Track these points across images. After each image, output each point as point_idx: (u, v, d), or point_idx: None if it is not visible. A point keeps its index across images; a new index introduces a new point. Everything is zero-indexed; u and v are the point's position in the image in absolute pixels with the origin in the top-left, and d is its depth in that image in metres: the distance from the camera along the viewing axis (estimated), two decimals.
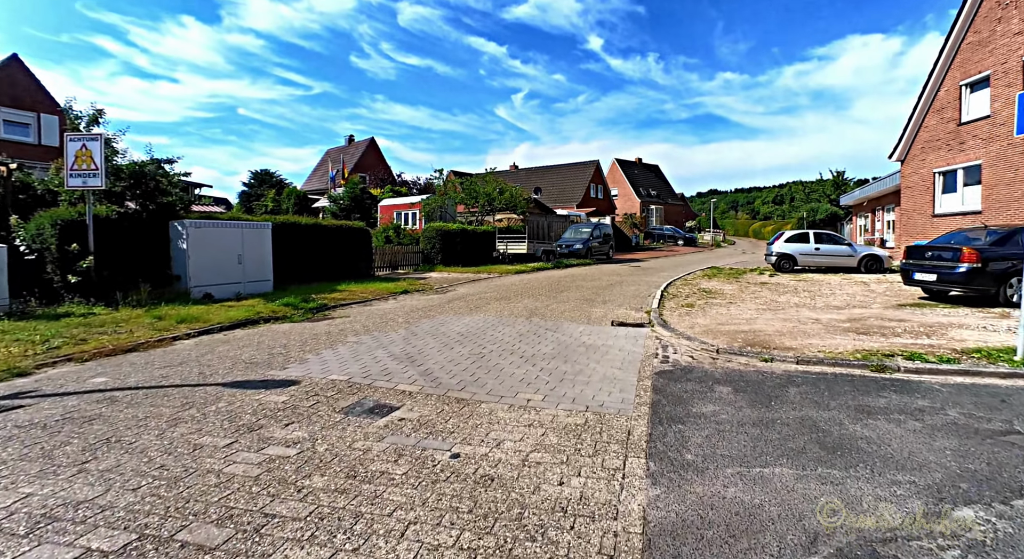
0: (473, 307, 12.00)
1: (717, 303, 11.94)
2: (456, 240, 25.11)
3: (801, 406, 4.83)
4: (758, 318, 9.79)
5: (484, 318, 10.39)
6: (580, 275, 19.93)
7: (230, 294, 12.93)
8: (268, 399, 4.97)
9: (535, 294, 14.20)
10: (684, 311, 10.85)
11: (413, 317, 10.71)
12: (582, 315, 10.64)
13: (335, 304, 12.46)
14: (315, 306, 11.82)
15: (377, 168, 62.27)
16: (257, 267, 13.90)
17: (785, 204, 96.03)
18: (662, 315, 10.35)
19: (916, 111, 19.72)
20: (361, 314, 11.25)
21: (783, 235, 19.88)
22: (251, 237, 13.82)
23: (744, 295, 13.25)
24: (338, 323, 10.08)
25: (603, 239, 30.21)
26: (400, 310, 11.75)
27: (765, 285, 15.39)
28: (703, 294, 13.64)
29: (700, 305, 11.66)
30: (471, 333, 8.78)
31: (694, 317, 10.09)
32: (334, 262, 17.61)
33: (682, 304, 11.85)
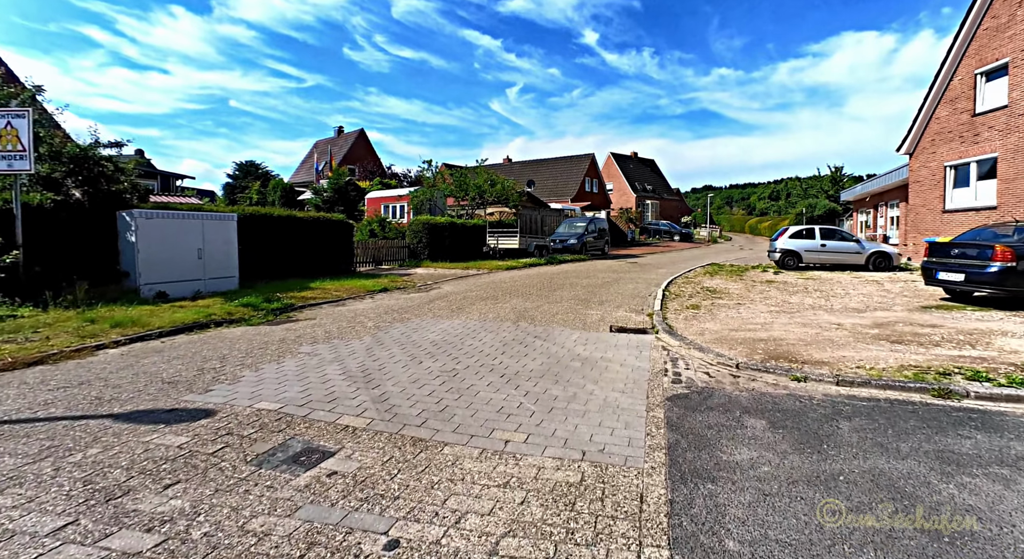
0: (455, 308, 10.81)
1: (724, 304, 10.80)
2: (444, 234, 23.86)
3: (864, 451, 3.68)
4: (773, 323, 8.65)
5: (465, 322, 9.20)
6: (574, 272, 18.76)
7: (188, 292, 11.69)
8: (161, 441, 3.76)
9: (525, 293, 13.02)
10: (690, 314, 9.70)
11: (385, 320, 9.51)
12: (576, 319, 9.47)
13: (303, 304, 11.24)
14: (279, 307, 10.61)
15: (366, 160, 60.86)
16: (220, 262, 12.62)
17: (781, 200, 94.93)
18: (666, 319, 9.20)
19: (926, 102, 18.62)
20: (329, 316, 10.04)
21: (787, 231, 18.80)
22: (213, 229, 12.53)
23: (752, 295, 12.12)
24: (299, 327, 8.86)
25: (598, 234, 29.05)
26: (373, 311, 10.55)
27: (772, 283, 14.27)
28: (708, 294, 12.50)
29: (707, 307, 10.52)
30: (447, 342, 7.59)
31: (702, 321, 8.94)
32: (311, 257, 16.41)
33: (687, 306, 10.71)
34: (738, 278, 15.92)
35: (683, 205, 74.63)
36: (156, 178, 34.71)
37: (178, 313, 9.47)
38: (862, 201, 27.87)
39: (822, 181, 53.40)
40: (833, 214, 39.42)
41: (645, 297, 12.30)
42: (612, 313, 10.09)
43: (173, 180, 36.62)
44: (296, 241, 15.89)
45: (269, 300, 10.97)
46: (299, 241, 16.01)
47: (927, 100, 18.54)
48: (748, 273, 17.42)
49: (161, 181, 35.00)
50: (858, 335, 7.61)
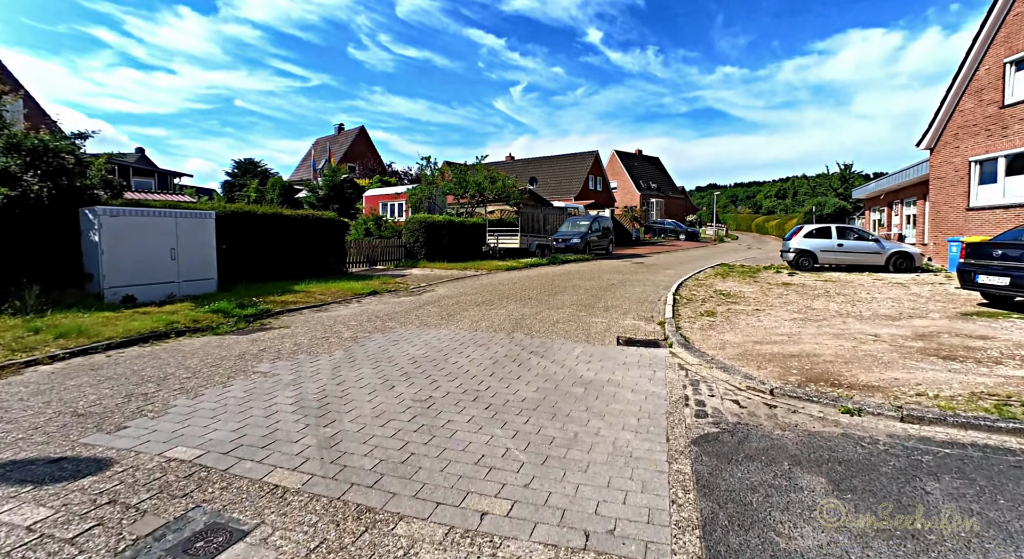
0: (446, 315, 9.83)
1: (742, 310, 9.79)
2: (442, 233, 22.87)
3: (978, 539, 2.68)
4: (801, 333, 7.64)
5: (454, 333, 8.21)
6: (577, 273, 17.76)
7: (159, 296, 10.84)
8: (8, 519, 2.77)
9: (524, 297, 12.03)
10: (706, 322, 8.70)
11: (366, 329, 8.55)
12: (579, 328, 8.48)
13: (281, 310, 10.28)
14: (252, 313, 9.65)
15: (366, 158, 59.95)
16: (196, 263, 11.72)
17: (788, 198, 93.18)
18: (680, 328, 8.20)
19: (949, 94, 17.45)
20: (306, 324, 9.09)
21: (801, 230, 17.73)
22: (188, 228, 11.64)
23: (770, 299, 11.10)
24: (268, 338, 7.90)
25: (602, 233, 28.02)
26: (356, 318, 9.58)
27: (789, 286, 13.24)
28: (722, 298, 11.49)
29: (723, 313, 9.51)
30: (429, 358, 6.61)
31: (720, 331, 7.94)
32: (299, 257, 15.48)
33: (701, 312, 9.70)
34: (752, 280, 14.89)
35: (688, 204, 73.48)
36: (153, 176, 34.10)
37: (137, 321, 8.51)
38: (875, 199, 26.66)
39: (831, 179, 52.03)
40: (843, 213, 38.14)
41: (654, 302, 11.29)
42: (619, 321, 9.09)
43: (171, 178, 35.83)
44: (283, 240, 14.97)
45: (243, 305, 10.01)
46: (286, 240, 15.09)
47: (950, 92, 17.40)
48: (761, 274, 16.39)
49: (159, 179, 34.30)
50: (901, 349, 6.59)
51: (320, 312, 10.43)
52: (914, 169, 20.42)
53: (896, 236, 23.84)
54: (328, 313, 10.29)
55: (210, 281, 12.01)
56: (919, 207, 20.88)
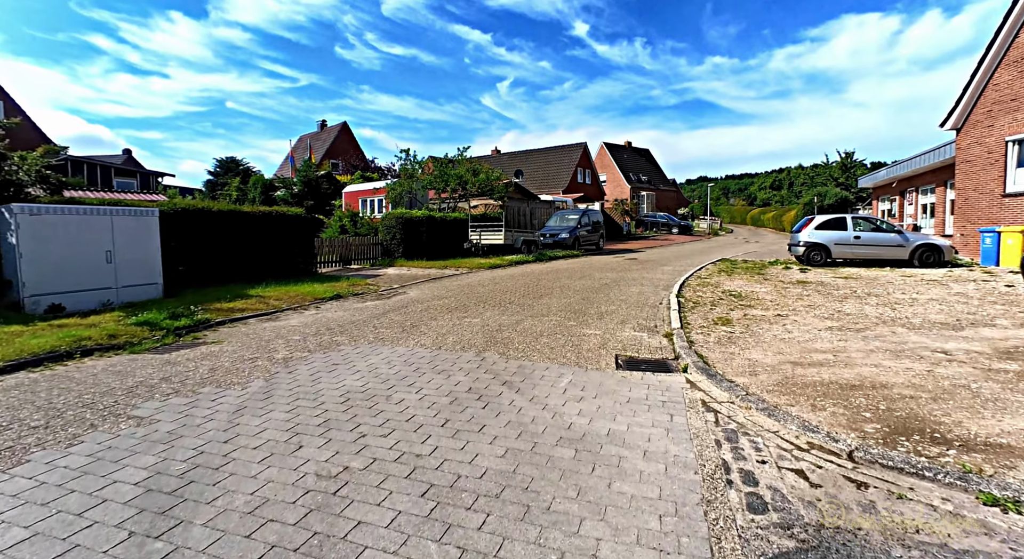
0: (410, 326, 8.18)
1: (761, 316, 8.20)
2: (420, 229, 21.15)
3: None
4: (847, 349, 6.06)
5: (411, 352, 6.55)
6: (567, 271, 16.12)
7: (94, 304, 9.58)
8: None
9: (505, 301, 10.37)
10: (723, 333, 7.09)
11: (308, 346, 6.92)
12: (567, 344, 6.83)
13: (224, 319, 8.75)
14: (186, 324, 8.16)
15: (349, 154, 58.01)
16: (138, 267, 10.43)
17: (784, 189, 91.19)
18: (692, 342, 6.59)
19: (981, 67, 15.61)
20: (244, 338, 7.58)
21: (813, 220, 16.11)
22: (127, 228, 10.27)
23: (790, 301, 9.53)
24: (186, 359, 6.33)
25: (592, 227, 26.39)
26: (303, 330, 7.97)
27: (806, 285, 11.68)
28: (733, 300, 9.90)
29: (739, 320, 7.91)
30: (366, 395, 4.95)
31: (744, 346, 6.34)
32: (262, 258, 14.01)
33: (713, 319, 8.10)
34: (760, 277, 13.32)
35: (680, 196, 72.00)
36: (136, 176, 33.47)
37: (42, 336, 7.04)
38: (885, 188, 24.89)
39: (830, 168, 50.47)
40: (845, 203, 36.50)
41: (655, 306, 9.68)
42: (616, 332, 7.46)
43: (154, 178, 35.19)
44: (243, 240, 13.55)
45: (178, 315, 8.50)
46: (247, 240, 13.65)
47: (981, 65, 15.52)
48: (770, 271, 14.83)
49: (141, 179, 33.74)
50: (996, 376, 5.01)
51: (268, 321, 8.84)
52: (933, 153, 18.69)
53: (910, 227, 22.23)
54: (277, 323, 8.70)
55: (154, 286, 10.66)
56: (938, 195, 19.22)
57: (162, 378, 5.59)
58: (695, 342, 6.69)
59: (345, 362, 6.17)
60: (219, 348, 6.99)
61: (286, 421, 4.28)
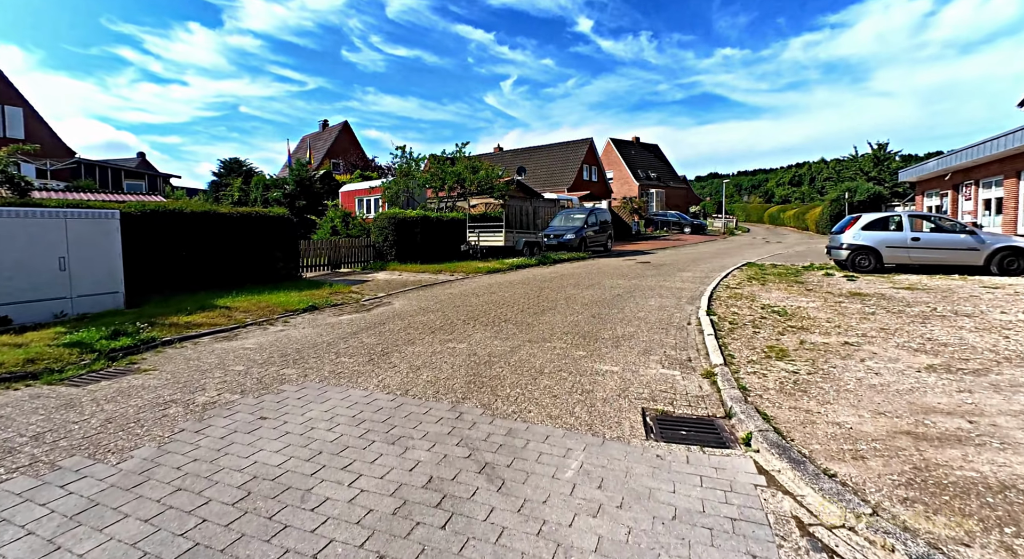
0: (379, 354, 6.47)
1: (822, 344, 6.40)
2: (415, 230, 19.42)
3: None
4: (982, 407, 4.27)
5: (367, 398, 4.82)
6: (572, 277, 14.32)
7: (46, 315, 8.58)
8: None
9: (499, 318, 8.60)
10: (784, 374, 5.29)
11: (243, 385, 5.35)
12: (576, 389, 5.05)
13: (173, 337, 7.48)
14: (128, 344, 6.95)
15: (349, 153, 56.43)
16: (96, 274, 9.34)
17: (804, 185, 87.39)
18: (746, 389, 4.80)
19: None
20: (179, 366, 6.18)
21: (858, 219, 14.09)
22: (84, 231, 9.28)
23: (852, 322, 7.71)
24: (92, 399, 4.96)
25: (600, 227, 24.55)
26: (252, 357, 6.46)
27: (863, 298, 9.84)
28: (779, 319, 8.08)
29: (798, 351, 6.10)
30: (276, 487, 3.24)
31: (822, 399, 4.54)
32: (241, 262, 12.88)
33: (763, 349, 6.29)
34: (801, 287, 11.47)
35: (691, 194, 69.76)
36: (144, 178, 34.12)
37: None
38: (933, 181, 22.52)
39: (860, 161, 47.59)
40: (879, 199, 33.76)
41: (682, 326, 7.88)
42: (638, 368, 5.67)
43: (162, 181, 35.78)
44: (220, 243, 12.49)
45: (119, 334, 7.25)
46: (224, 243, 12.58)
47: None
48: (808, 279, 12.97)
49: (149, 181, 34.40)
50: None
51: (222, 341, 7.47)
52: (1003, 139, 16.12)
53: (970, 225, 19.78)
54: (231, 343, 7.30)
55: (115, 295, 9.57)
56: (1008, 188, 16.83)
57: (35, 435, 4.13)
58: (750, 389, 4.89)
59: (276, 415, 4.47)
60: (143, 381, 5.56)
61: (131, 545, 2.55)
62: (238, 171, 43.59)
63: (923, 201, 24.08)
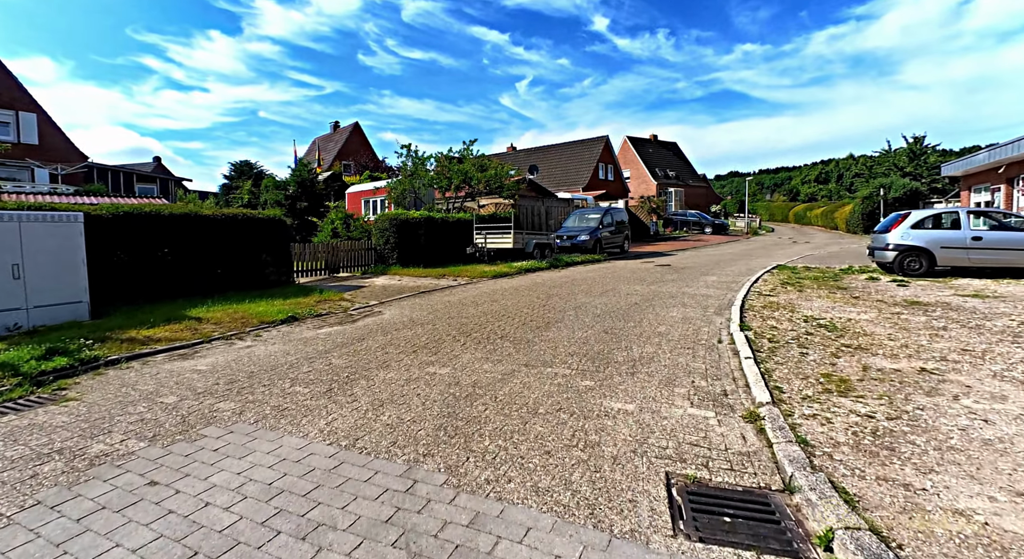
0: (341, 383, 5.30)
1: (892, 370, 5.08)
2: (418, 232, 18.29)
3: None
4: None
5: (300, 454, 3.64)
6: (585, 282, 13.04)
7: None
8: None
9: (495, 332, 7.38)
10: (856, 420, 3.99)
11: (157, 428, 4.26)
12: (576, 441, 3.80)
13: (121, 356, 6.45)
14: (63, 365, 6.00)
15: (359, 154, 55.70)
16: (57, 282, 8.46)
17: (832, 182, 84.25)
18: (807, 442, 3.50)
19: None
20: (102, 396, 5.12)
21: (907, 217, 12.49)
22: (42, 236, 8.38)
23: (922, 340, 6.35)
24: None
25: (616, 227, 23.19)
26: (192, 385, 5.39)
27: (925, 309, 8.45)
28: (828, 336, 6.74)
29: (865, 383, 4.79)
30: None
31: (923, 464, 3.24)
32: (226, 267, 11.97)
33: (818, 379, 4.99)
34: (846, 294, 10.07)
35: (711, 192, 67.79)
36: (156, 182, 34.38)
37: None
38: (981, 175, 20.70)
39: (894, 156, 45.34)
40: (916, 196, 31.62)
41: (711, 344, 6.57)
42: (660, 408, 4.39)
43: (175, 184, 36.05)
44: (203, 247, 11.60)
45: (55, 353, 6.31)
46: (207, 247, 11.68)
47: None
48: (850, 283, 11.54)
49: (161, 185, 34.60)
50: None
51: (174, 360, 6.46)
52: None
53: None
54: (182, 364, 6.28)
55: (77, 306, 8.68)
56: None
57: None
58: (813, 443, 3.60)
59: (171, 480, 3.37)
60: (50, 417, 4.60)
61: None
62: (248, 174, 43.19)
63: (970, 196, 22.26)
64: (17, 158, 25.71)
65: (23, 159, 26.03)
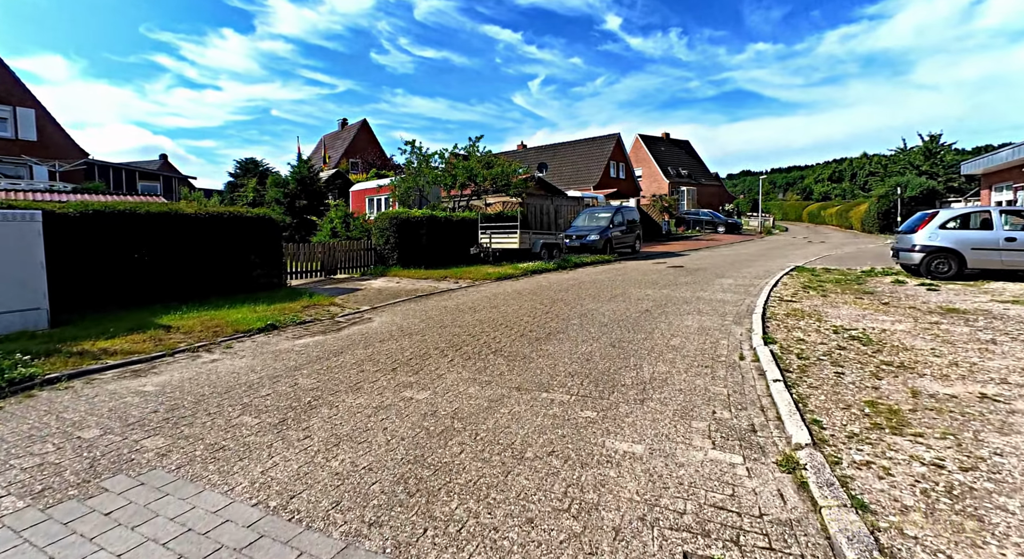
0: (302, 410, 4.56)
1: (944, 394, 4.26)
2: (420, 232, 17.54)
3: None
4: None
5: (215, 517, 2.88)
6: (593, 285, 12.23)
7: None
8: None
9: (489, 345, 6.60)
10: (924, 472, 3.16)
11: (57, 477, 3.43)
12: (570, 497, 3.00)
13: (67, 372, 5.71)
14: None
15: (367, 151, 55.14)
16: (11, 288, 7.68)
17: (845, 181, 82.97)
18: (865, 509, 2.67)
19: None
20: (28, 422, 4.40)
21: (935, 216, 11.65)
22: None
23: (971, 355, 5.51)
24: None
25: (627, 227, 22.33)
26: (130, 410, 4.60)
27: (963, 316, 7.57)
28: (863, 350, 5.89)
29: (925, 419, 3.97)
30: None
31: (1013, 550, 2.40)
32: (208, 269, 11.25)
33: (863, 408, 4.16)
34: (873, 299, 9.19)
35: (723, 191, 66.48)
36: (159, 180, 33.73)
37: None
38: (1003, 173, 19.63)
39: (910, 155, 44.17)
40: (932, 195, 30.61)
41: (732, 361, 5.75)
42: (676, 448, 3.59)
43: (179, 182, 35.49)
44: (183, 248, 10.87)
45: None
46: (188, 248, 10.94)
47: None
48: (875, 287, 10.65)
49: (165, 182, 33.88)
50: None
51: (125, 378, 5.70)
52: None
53: None
54: (131, 382, 5.52)
55: (34, 313, 7.89)
56: None
57: None
58: (874, 509, 2.78)
59: None
60: None
61: None
62: (254, 172, 42.73)
63: (991, 195, 21.16)
64: (14, 154, 25.22)
65: (19, 155, 25.55)
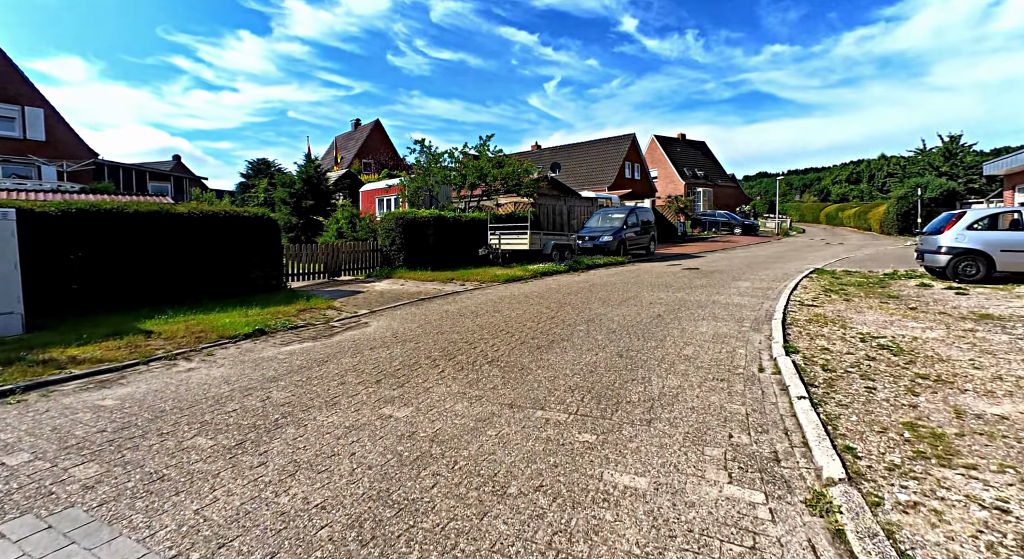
0: (267, 429, 4.14)
1: (992, 414, 3.73)
2: (427, 233, 17.12)
3: None
4: None
5: None
6: (604, 288, 11.68)
7: None
8: None
9: (486, 354, 6.10)
10: (986, 518, 2.60)
11: None
12: (556, 553, 2.46)
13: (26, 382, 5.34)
14: None
15: (379, 152, 54.99)
16: None
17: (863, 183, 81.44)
18: None
19: None
20: None
21: (962, 217, 10.95)
22: None
23: (1013, 367, 4.91)
24: None
25: (641, 228, 21.71)
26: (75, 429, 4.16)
27: (999, 323, 6.93)
28: (895, 362, 5.30)
29: (974, 446, 3.41)
30: None
31: None
32: (202, 270, 10.84)
33: (903, 432, 3.61)
34: (899, 304, 8.55)
35: (740, 193, 65.34)
36: (170, 180, 33.59)
37: None
38: None
39: (930, 156, 43.13)
40: (953, 196, 29.65)
41: (751, 375, 5.19)
42: (686, 483, 3.05)
43: (191, 183, 35.43)
44: (176, 249, 10.49)
45: None
46: (181, 249, 10.57)
47: None
48: (898, 289, 9.99)
49: (176, 183, 33.74)
50: None
51: (85, 391, 5.25)
52: None
53: None
54: (92, 394, 5.12)
55: (7, 317, 7.44)
56: None
57: None
58: None
59: None
60: None
61: None
62: (266, 172, 42.71)
63: (1014, 196, 20.27)
64: (22, 154, 25.14)
65: (27, 156, 25.53)
